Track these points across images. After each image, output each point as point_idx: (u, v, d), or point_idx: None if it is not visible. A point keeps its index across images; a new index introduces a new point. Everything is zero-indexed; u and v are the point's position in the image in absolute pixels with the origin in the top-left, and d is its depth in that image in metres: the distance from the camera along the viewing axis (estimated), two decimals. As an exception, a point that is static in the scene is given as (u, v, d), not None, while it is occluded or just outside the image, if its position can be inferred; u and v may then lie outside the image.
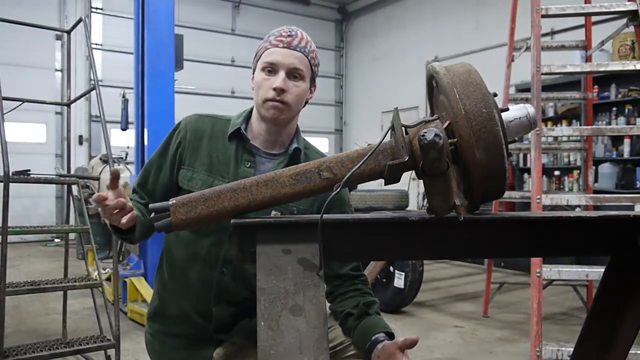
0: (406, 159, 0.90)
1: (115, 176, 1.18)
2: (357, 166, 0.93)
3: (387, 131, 0.95)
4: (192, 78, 9.17)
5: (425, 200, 0.93)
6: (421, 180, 0.90)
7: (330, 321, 1.44)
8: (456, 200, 0.89)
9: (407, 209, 4.88)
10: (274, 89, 1.36)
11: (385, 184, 1.00)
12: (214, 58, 10.50)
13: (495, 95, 0.90)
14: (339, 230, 0.93)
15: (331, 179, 0.95)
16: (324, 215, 0.89)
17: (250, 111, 1.50)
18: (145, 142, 4.16)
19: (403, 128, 0.92)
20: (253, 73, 1.45)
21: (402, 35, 10.60)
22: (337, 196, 1.28)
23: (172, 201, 0.98)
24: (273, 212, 1.38)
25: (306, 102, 1.48)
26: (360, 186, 4.84)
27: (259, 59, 1.42)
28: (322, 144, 11.94)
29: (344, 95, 12.54)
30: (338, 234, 0.93)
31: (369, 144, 1.03)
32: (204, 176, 1.44)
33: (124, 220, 1.20)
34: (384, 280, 4.42)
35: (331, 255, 0.91)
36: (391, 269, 4.37)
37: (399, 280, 4.30)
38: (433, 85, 1.01)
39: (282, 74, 1.37)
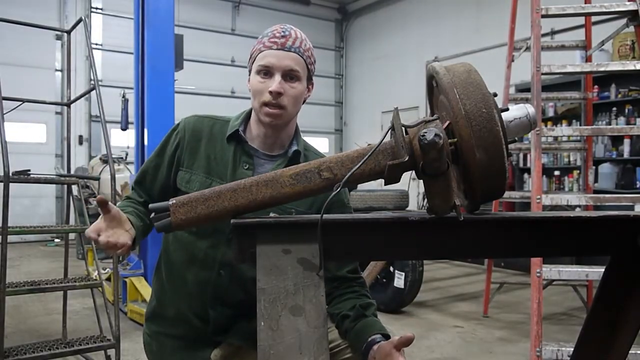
0: (406, 159, 0.90)
1: (101, 204, 1.17)
2: (357, 166, 0.92)
3: (387, 131, 0.95)
4: (192, 78, 9.18)
5: (425, 200, 0.93)
6: (421, 180, 0.89)
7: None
8: (456, 200, 0.89)
9: (407, 209, 4.88)
10: (271, 93, 1.36)
11: (385, 184, 0.99)
12: (214, 58, 10.50)
13: (495, 95, 0.90)
14: (339, 230, 0.93)
15: (331, 179, 0.95)
16: (324, 215, 0.88)
17: (249, 112, 1.49)
18: (145, 142, 4.16)
19: (403, 128, 0.92)
20: (249, 74, 1.44)
21: (402, 35, 10.59)
22: (336, 197, 1.28)
23: (172, 201, 0.98)
24: (271, 214, 1.38)
25: (304, 101, 1.47)
26: (360, 186, 4.84)
27: (253, 61, 1.41)
28: (322, 144, 11.94)
29: (344, 95, 12.54)
30: (338, 234, 0.93)
31: (369, 144, 1.03)
32: (202, 178, 1.43)
33: (118, 252, 1.22)
34: (384, 280, 4.42)
35: (331, 255, 0.91)
36: (391, 269, 4.37)
37: (399, 280, 4.30)
38: (433, 85, 1.01)
39: (277, 77, 1.36)
